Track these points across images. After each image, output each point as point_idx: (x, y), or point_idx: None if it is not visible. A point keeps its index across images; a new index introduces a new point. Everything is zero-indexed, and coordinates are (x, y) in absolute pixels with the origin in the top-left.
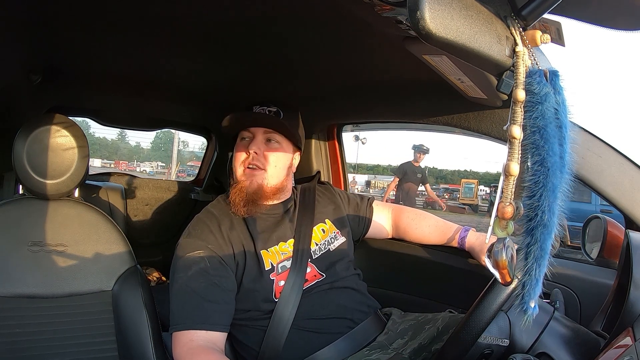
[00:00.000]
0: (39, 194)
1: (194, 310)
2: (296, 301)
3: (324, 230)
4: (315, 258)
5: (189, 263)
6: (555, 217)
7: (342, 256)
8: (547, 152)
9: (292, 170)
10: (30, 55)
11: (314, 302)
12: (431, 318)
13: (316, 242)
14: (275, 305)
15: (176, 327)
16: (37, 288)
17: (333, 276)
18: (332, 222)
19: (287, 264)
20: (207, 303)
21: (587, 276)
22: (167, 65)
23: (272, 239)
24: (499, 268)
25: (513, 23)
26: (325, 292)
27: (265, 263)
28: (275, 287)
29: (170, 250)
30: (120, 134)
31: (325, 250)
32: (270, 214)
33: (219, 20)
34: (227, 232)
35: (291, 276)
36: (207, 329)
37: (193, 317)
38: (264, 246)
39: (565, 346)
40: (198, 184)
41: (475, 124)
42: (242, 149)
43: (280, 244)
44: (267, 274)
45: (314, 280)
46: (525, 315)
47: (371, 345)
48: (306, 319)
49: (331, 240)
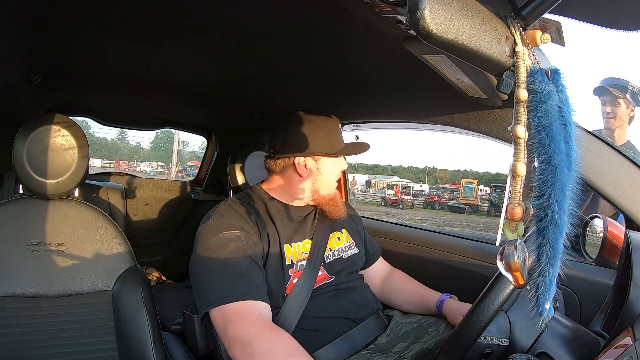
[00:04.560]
0: (39, 194)
1: (246, 284)
2: (305, 300)
3: (339, 238)
4: (327, 262)
5: (226, 241)
6: (566, 215)
7: (352, 265)
8: (553, 151)
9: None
10: (30, 55)
11: (318, 302)
12: (434, 322)
13: (330, 248)
14: (284, 301)
15: (224, 300)
16: (37, 288)
17: (340, 280)
18: (348, 232)
19: (304, 264)
20: (254, 279)
21: (587, 276)
22: (168, 65)
23: (296, 236)
24: (511, 271)
25: (513, 23)
26: (331, 293)
27: (286, 258)
28: (289, 283)
29: (170, 250)
30: (120, 134)
31: (338, 257)
32: (296, 214)
33: (219, 20)
34: (256, 220)
35: (303, 276)
36: (262, 300)
37: (247, 291)
38: (287, 241)
39: (565, 346)
40: (198, 183)
41: (475, 124)
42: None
43: (304, 241)
44: (286, 269)
45: (321, 282)
46: (541, 317)
47: (372, 347)
48: (308, 317)
49: (345, 248)
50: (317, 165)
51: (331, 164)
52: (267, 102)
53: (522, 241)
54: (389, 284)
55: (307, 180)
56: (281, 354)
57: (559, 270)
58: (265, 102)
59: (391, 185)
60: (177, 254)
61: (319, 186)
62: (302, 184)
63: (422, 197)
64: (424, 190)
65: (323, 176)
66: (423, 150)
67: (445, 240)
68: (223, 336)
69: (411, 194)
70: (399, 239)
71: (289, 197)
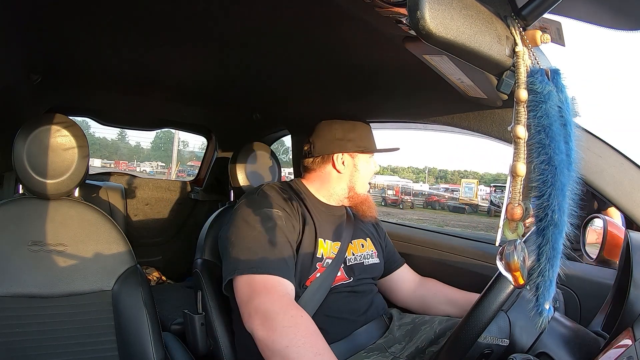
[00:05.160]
0: (39, 194)
1: (278, 261)
2: (322, 295)
3: (363, 245)
4: (348, 265)
5: (267, 216)
6: (566, 215)
7: (370, 272)
8: (553, 151)
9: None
10: (30, 55)
11: (333, 301)
12: (428, 320)
13: (354, 252)
14: (303, 292)
15: (256, 270)
16: (37, 288)
17: (356, 282)
18: (372, 242)
19: (329, 262)
20: (286, 259)
21: (587, 276)
22: (168, 65)
23: (330, 234)
24: (511, 271)
25: (513, 23)
26: (345, 294)
27: (318, 251)
28: (313, 275)
29: (170, 250)
30: (120, 134)
31: (359, 262)
32: (332, 213)
33: (219, 20)
34: (297, 207)
35: (325, 272)
36: (290, 280)
37: (279, 267)
38: (322, 236)
39: (565, 346)
40: (198, 183)
41: (475, 124)
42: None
43: (335, 242)
44: (315, 261)
45: (339, 282)
46: (540, 317)
47: (369, 347)
48: (321, 315)
49: (367, 256)
50: (353, 161)
51: (366, 162)
52: (267, 102)
53: (522, 241)
54: (425, 288)
55: (345, 177)
56: (302, 333)
57: (559, 270)
58: (265, 102)
59: (391, 185)
60: (177, 254)
61: (356, 182)
62: (340, 180)
63: (422, 197)
64: (423, 190)
65: (359, 173)
66: (423, 150)
67: (445, 240)
68: (245, 305)
69: (411, 194)
70: (399, 239)
71: (327, 195)
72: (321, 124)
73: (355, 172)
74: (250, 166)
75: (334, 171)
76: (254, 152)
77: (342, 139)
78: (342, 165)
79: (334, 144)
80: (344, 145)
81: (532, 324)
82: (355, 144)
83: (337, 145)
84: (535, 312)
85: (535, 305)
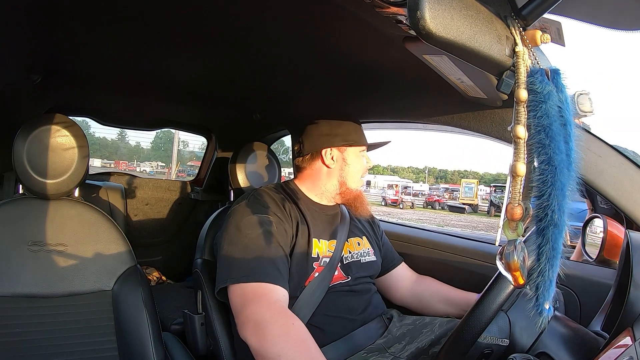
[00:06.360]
0: (39, 194)
1: (269, 268)
2: (320, 295)
3: (359, 243)
4: (345, 263)
5: (258, 223)
6: (565, 215)
7: (368, 270)
8: (553, 151)
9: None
10: (30, 55)
11: (331, 300)
12: (429, 322)
13: (350, 250)
14: (302, 292)
15: (247, 278)
16: (37, 288)
17: (355, 281)
18: (368, 240)
19: (327, 261)
20: (278, 265)
21: (587, 276)
22: (168, 65)
23: (324, 233)
24: (511, 271)
25: (513, 23)
26: (343, 293)
27: (313, 251)
28: (311, 275)
29: (170, 250)
30: (120, 134)
31: (356, 259)
32: (325, 212)
33: (219, 20)
34: (290, 210)
35: (323, 272)
36: (282, 286)
37: (270, 274)
38: (316, 235)
39: (565, 346)
40: (198, 183)
41: (475, 124)
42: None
43: (331, 241)
44: (311, 261)
45: (337, 281)
46: (540, 317)
47: (369, 347)
48: (319, 314)
49: (364, 254)
50: (342, 156)
51: (356, 157)
52: (267, 102)
53: (522, 241)
54: (423, 286)
55: (335, 172)
56: (294, 341)
57: (559, 270)
58: (265, 102)
59: (391, 185)
60: (177, 254)
61: (347, 177)
62: (330, 175)
63: (422, 197)
64: (423, 190)
65: (350, 167)
66: (423, 150)
67: (445, 240)
68: (238, 314)
69: (411, 194)
70: (398, 238)
71: (319, 193)
72: (309, 124)
73: (345, 166)
74: (250, 166)
75: (324, 167)
76: (253, 152)
77: (329, 134)
78: (332, 160)
79: (322, 140)
80: (331, 140)
81: (532, 324)
82: (342, 138)
83: (325, 141)
84: (535, 312)
85: (535, 305)
